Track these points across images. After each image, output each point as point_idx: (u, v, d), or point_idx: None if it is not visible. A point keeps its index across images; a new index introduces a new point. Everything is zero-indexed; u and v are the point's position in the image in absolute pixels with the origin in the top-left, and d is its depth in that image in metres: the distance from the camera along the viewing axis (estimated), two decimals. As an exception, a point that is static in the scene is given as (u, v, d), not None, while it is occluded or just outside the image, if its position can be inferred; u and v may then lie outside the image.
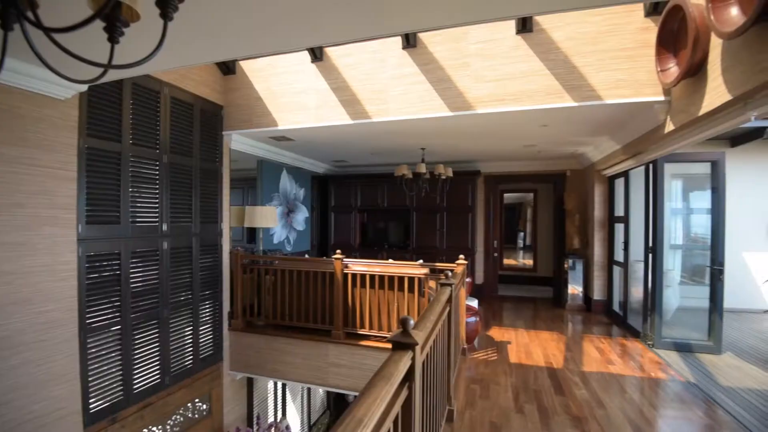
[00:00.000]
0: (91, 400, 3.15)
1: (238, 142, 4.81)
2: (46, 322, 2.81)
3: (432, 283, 4.12)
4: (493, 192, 7.26)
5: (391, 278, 4.00)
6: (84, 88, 2.94)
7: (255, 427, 5.15)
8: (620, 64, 3.32)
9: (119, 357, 3.39)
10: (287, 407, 6.17)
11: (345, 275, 4.17)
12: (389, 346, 3.66)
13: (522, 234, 11.33)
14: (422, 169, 5.12)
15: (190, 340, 4.14)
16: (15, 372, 2.63)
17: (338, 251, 4.21)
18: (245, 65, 4.51)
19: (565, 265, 6.42)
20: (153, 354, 3.70)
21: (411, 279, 3.90)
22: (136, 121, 3.51)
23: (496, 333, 5.10)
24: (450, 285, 2.44)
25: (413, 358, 1.26)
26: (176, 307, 3.94)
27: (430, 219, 7.05)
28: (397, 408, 1.13)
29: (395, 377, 1.06)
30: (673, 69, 3.00)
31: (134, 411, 3.51)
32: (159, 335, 3.75)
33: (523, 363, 4.06)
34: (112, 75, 2.65)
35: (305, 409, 6.81)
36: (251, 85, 4.51)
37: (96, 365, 3.20)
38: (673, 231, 4.79)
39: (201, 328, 4.26)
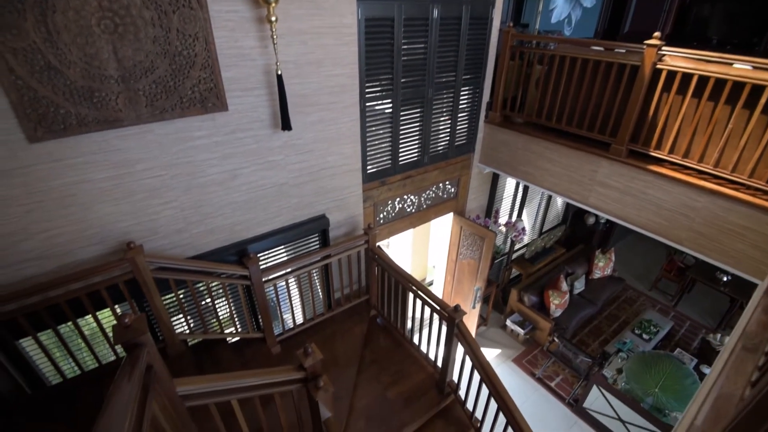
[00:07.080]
0: (368, 163, 3.58)
1: None
2: (335, 86, 3.01)
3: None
4: None
5: (737, 85, 2.56)
6: None
7: (492, 219, 5.35)
8: None
9: (389, 131, 3.59)
10: (523, 210, 6.11)
11: (656, 72, 2.92)
12: (691, 179, 2.51)
13: None
14: None
15: (448, 126, 4.06)
16: (314, 127, 3.05)
17: (656, 34, 2.85)
18: None
19: None
20: (415, 132, 3.80)
21: (783, 89, 2.39)
22: None
23: None
24: None
25: None
26: (439, 88, 3.74)
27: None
28: None
29: None
30: None
31: (398, 179, 3.92)
32: (422, 116, 3.74)
33: None
34: None
35: (540, 215, 6.66)
36: None
37: (371, 133, 3.48)
38: None
39: (459, 116, 4.07)
